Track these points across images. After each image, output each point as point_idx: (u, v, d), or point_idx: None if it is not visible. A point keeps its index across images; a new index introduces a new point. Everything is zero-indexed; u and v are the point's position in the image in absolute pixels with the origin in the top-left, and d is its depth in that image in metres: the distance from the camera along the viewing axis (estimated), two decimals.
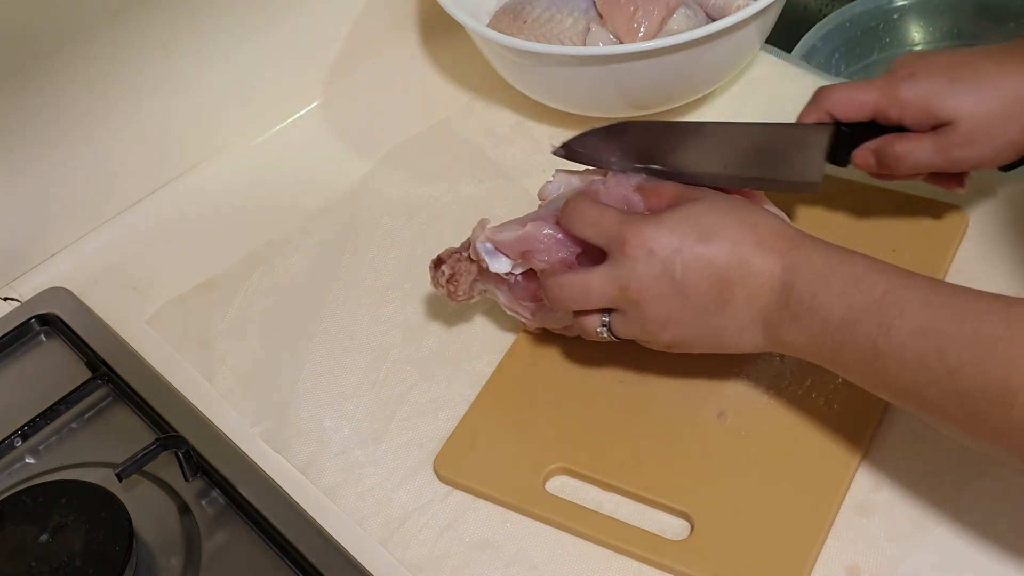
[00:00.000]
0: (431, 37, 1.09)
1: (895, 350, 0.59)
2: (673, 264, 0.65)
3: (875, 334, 0.59)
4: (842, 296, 0.61)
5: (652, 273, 0.65)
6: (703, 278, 0.65)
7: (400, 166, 0.97)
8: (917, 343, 0.58)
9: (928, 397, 0.58)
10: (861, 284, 0.61)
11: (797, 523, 0.67)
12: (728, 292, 0.65)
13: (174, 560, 0.72)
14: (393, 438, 0.77)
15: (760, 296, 0.64)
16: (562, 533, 0.70)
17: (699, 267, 0.65)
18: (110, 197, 0.96)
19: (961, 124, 0.71)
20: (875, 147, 0.75)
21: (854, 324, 0.60)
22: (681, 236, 0.65)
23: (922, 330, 0.58)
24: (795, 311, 0.63)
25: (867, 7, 1.12)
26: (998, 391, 0.55)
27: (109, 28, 0.88)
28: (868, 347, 0.60)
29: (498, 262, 0.74)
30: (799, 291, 0.63)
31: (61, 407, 0.80)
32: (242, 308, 0.88)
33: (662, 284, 0.65)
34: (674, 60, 0.86)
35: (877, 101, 0.73)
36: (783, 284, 0.63)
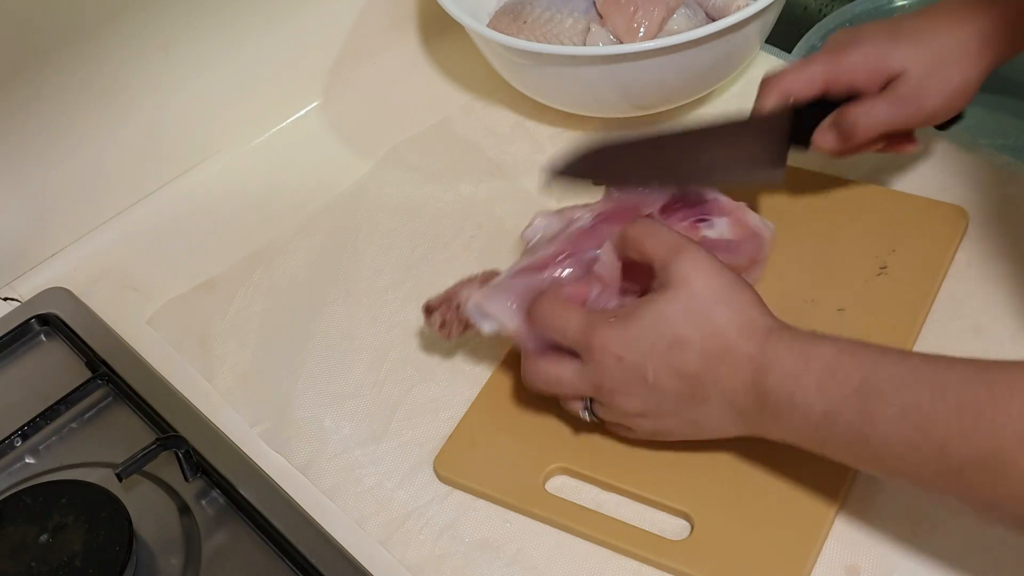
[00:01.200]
0: (431, 37, 1.09)
1: (881, 435, 0.58)
2: (644, 370, 0.65)
3: (859, 423, 0.59)
4: (820, 392, 0.60)
5: (623, 376, 0.66)
6: (675, 381, 0.65)
7: (400, 166, 0.97)
8: (901, 425, 0.57)
9: (923, 476, 0.58)
10: (837, 376, 0.60)
11: (797, 523, 0.67)
12: (702, 392, 0.65)
13: (174, 560, 0.72)
14: (393, 438, 0.77)
15: (735, 397, 0.64)
16: (562, 533, 0.70)
17: (670, 373, 0.64)
18: (110, 197, 0.96)
19: (909, 74, 0.73)
20: (831, 121, 0.76)
21: (836, 416, 0.60)
22: (650, 344, 0.65)
23: (904, 411, 0.57)
24: (773, 411, 0.63)
25: (867, 7, 1.12)
26: (989, 462, 0.54)
27: (109, 28, 0.88)
28: (854, 435, 0.59)
29: (489, 324, 0.73)
30: (774, 393, 0.62)
31: (61, 407, 0.80)
32: (242, 308, 0.88)
33: (634, 385, 0.66)
34: (674, 60, 0.86)
35: (825, 71, 0.75)
36: (756, 387, 0.63)
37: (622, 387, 0.66)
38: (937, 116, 0.76)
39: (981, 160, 0.85)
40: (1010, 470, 0.54)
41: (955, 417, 0.55)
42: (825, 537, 0.67)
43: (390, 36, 1.08)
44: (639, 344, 0.65)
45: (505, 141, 0.98)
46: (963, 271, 0.79)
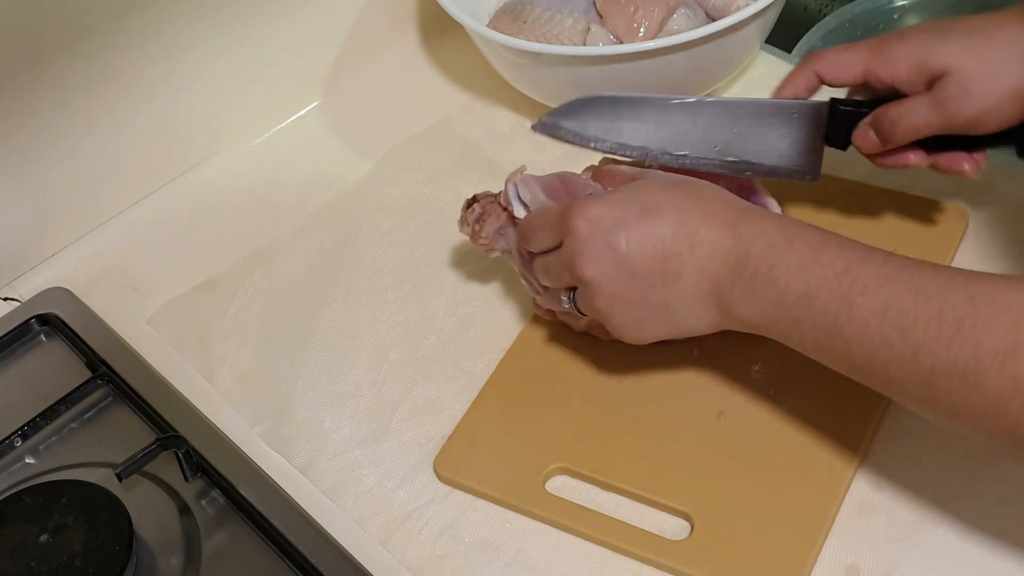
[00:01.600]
0: (431, 37, 1.09)
1: (857, 327, 0.57)
2: (617, 238, 0.64)
3: (836, 310, 0.58)
4: (801, 270, 0.59)
5: (596, 248, 0.65)
6: (648, 250, 0.64)
7: (400, 166, 0.97)
8: (879, 321, 0.56)
9: (890, 375, 0.57)
10: (820, 258, 0.59)
11: (797, 523, 0.67)
12: (676, 263, 0.63)
13: (174, 560, 0.72)
14: (393, 438, 0.77)
15: (710, 268, 0.63)
16: (562, 533, 0.70)
17: (643, 239, 0.64)
18: (110, 197, 0.96)
19: (954, 74, 0.68)
20: (871, 120, 0.73)
21: (813, 299, 0.59)
22: (624, 210, 0.64)
23: (884, 307, 0.56)
24: (749, 283, 0.61)
25: (867, 7, 1.12)
26: (964, 371, 0.54)
27: (109, 28, 0.88)
28: (828, 323, 0.58)
29: (523, 207, 0.74)
30: (753, 263, 0.61)
31: (61, 407, 0.80)
32: (242, 308, 0.88)
33: (606, 259, 0.64)
34: (674, 60, 0.86)
35: (867, 60, 0.71)
36: (735, 256, 0.62)
37: (596, 257, 0.65)
38: (983, 122, 0.69)
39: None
40: (982, 383, 0.53)
41: (935, 322, 0.55)
42: (825, 537, 0.67)
43: (390, 36, 1.08)
44: (613, 214, 0.64)
45: (505, 141, 0.98)
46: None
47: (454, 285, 0.86)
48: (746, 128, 0.75)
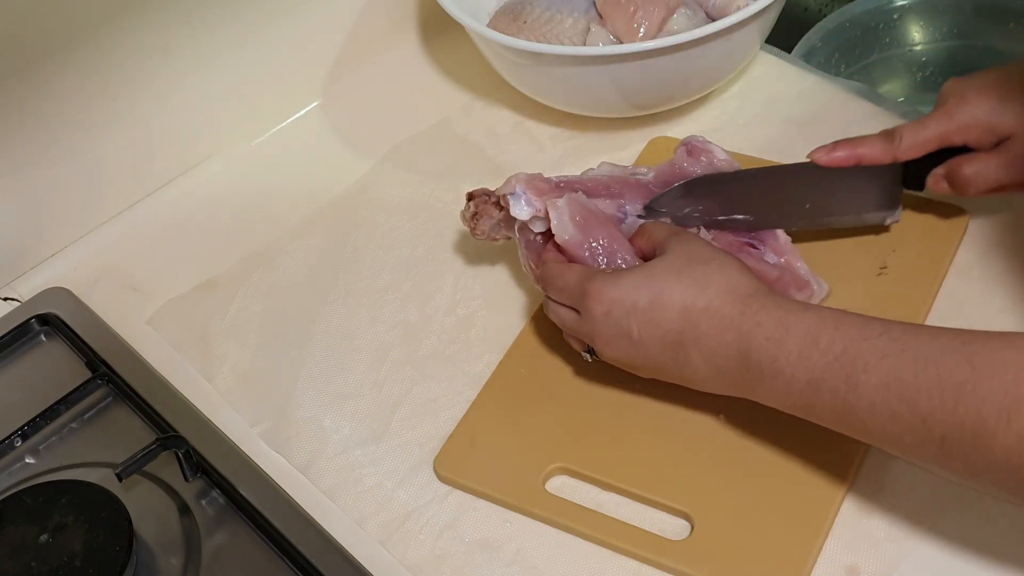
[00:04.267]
0: (431, 37, 1.09)
1: (865, 405, 0.59)
2: (629, 325, 0.67)
3: (843, 391, 0.59)
4: (801, 359, 0.61)
5: (611, 331, 0.68)
6: (656, 339, 0.67)
7: (400, 166, 0.97)
8: (884, 395, 0.58)
9: (906, 444, 0.58)
10: (819, 344, 0.61)
11: (797, 523, 0.67)
12: (684, 353, 0.66)
13: (174, 560, 0.72)
14: (393, 438, 0.77)
15: (716, 359, 0.65)
16: (562, 533, 0.70)
17: (652, 330, 0.66)
18: (110, 197, 0.96)
19: (1019, 137, 0.73)
20: (944, 172, 0.76)
21: (819, 384, 0.60)
22: (635, 297, 0.67)
23: (887, 382, 0.58)
24: (756, 375, 0.63)
25: (867, 7, 1.13)
26: (972, 434, 0.55)
27: (108, 28, 0.88)
28: (838, 404, 0.60)
29: (520, 208, 0.75)
30: (756, 358, 0.63)
31: (61, 407, 0.80)
32: (242, 308, 0.88)
33: (622, 341, 0.68)
34: (674, 60, 0.86)
35: (940, 135, 0.75)
36: (738, 351, 0.64)
37: (611, 341, 0.68)
38: None
39: None
40: (991, 443, 0.54)
41: (937, 390, 0.56)
42: (825, 537, 0.67)
43: (390, 36, 1.08)
44: (625, 301, 0.67)
45: (505, 141, 0.98)
46: (963, 271, 0.79)
47: (454, 285, 0.86)
48: (830, 185, 0.79)
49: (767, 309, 0.64)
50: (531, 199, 0.75)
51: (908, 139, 0.76)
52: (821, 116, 0.92)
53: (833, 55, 1.11)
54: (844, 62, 1.12)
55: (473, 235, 0.80)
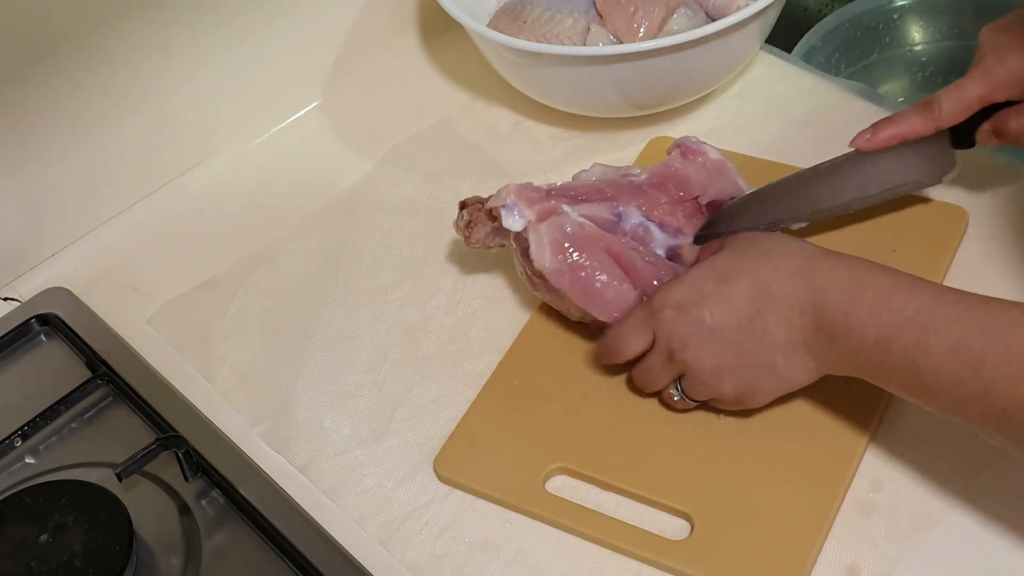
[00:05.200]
0: (431, 37, 1.09)
1: (933, 368, 0.59)
2: (701, 313, 0.67)
3: (912, 353, 0.60)
4: (873, 316, 0.61)
5: (687, 329, 0.68)
6: (732, 315, 0.66)
7: (400, 166, 0.97)
8: (952, 361, 0.58)
9: (969, 413, 0.59)
10: (892, 303, 0.61)
11: (797, 523, 0.67)
12: (760, 321, 0.66)
13: (174, 560, 0.72)
14: (393, 438, 0.77)
15: (792, 320, 0.65)
16: (562, 533, 0.70)
17: (725, 307, 0.67)
18: (110, 197, 0.96)
19: None
20: (991, 127, 0.76)
21: (890, 343, 0.61)
22: (700, 284, 0.68)
23: (955, 347, 0.58)
24: (829, 332, 0.63)
25: (867, 7, 1.12)
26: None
27: (109, 28, 0.88)
28: (907, 365, 0.60)
29: (512, 220, 0.75)
30: (830, 312, 0.63)
31: (61, 407, 0.80)
32: (242, 308, 0.88)
33: (699, 334, 0.68)
34: (674, 60, 0.86)
35: (981, 96, 0.74)
36: (812, 306, 0.64)
37: (688, 342, 0.68)
38: None
39: (981, 160, 0.85)
40: None
41: (1003, 361, 0.56)
42: (825, 537, 0.67)
43: (390, 36, 1.08)
44: (691, 289, 0.68)
45: (505, 141, 0.98)
46: (963, 271, 0.79)
47: (454, 285, 0.86)
48: (881, 164, 0.78)
49: (841, 266, 0.64)
50: (523, 210, 0.75)
51: (948, 106, 0.75)
52: (821, 116, 0.92)
53: (833, 55, 1.11)
54: (844, 62, 1.12)
55: (468, 244, 0.80)
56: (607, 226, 0.76)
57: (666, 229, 0.78)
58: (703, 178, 0.79)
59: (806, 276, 0.64)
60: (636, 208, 0.78)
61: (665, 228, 0.78)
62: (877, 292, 0.62)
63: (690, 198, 0.79)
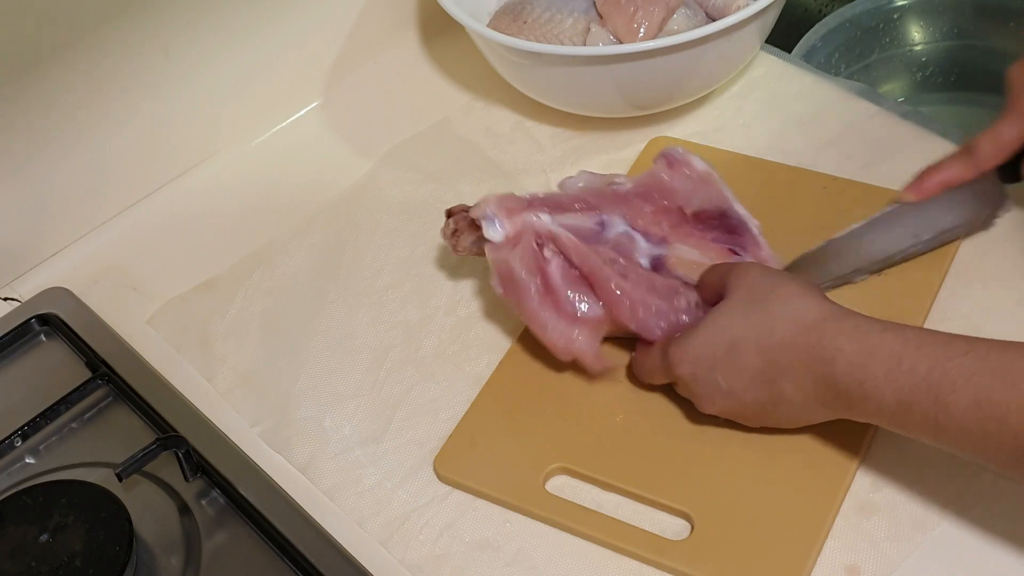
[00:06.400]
0: (431, 37, 1.09)
1: (956, 424, 0.58)
2: (715, 379, 0.68)
3: (933, 412, 0.59)
4: (888, 381, 0.61)
5: (705, 390, 0.69)
6: (746, 385, 0.67)
7: (400, 166, 0.97)
8: (975, 415, 0.58)
9: (1001, 460, 0.58)
10: (903, 365, 0.60)
11: (797, 523, 0.67)
12: (776, 388, 0.66)
13: (174, 560, 0.72)
14: (393, 438, 0.77)
15: (806, 388, 0.65)
16: (562, 533, 0.70)
17: (739, 376, 0.67)
18: (110, 197, 0.96)
19: None
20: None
21: (910, 406, 0.60)
22: (712, 352, 0.68)
23: (976, 402, 0.57)
24: (847, 400, 0.63)
25: (867, 7, 1.12)
26: None
27: (109, 28, 0.88)
28: (930, 424, 0.60)
29: (493, 231, 0.75)
30: (843, 383, 0.63)
31: (61, 407, 0.80)
32: (242, 308, 0.88)
33: (716, 395, 0.69)
34: (674, 60, 0.86)
35: (1018, 135, 0.74)
36: (824, 378, 0.63)
37: (706, 398, 0.70)
38: None
39: None
40: None
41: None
42: (825, 537, 0.67)
43: (390, 36, 1.08)
44: (704, 357, 0.68)
45: (505, 141, 0.98)
46: (963, 271, 0.79)
47: (454, 285, 0.86)
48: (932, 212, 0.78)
49: (844, 333, 0.63)
50: (503, 221, 0.75)
51: (988, 151, 0.75)
52: (821, 116, 0.92)
53: (833, 55, 1.11)
54: (844, 62, 1.12)
55: (454, 252, 0.80)
56: (589, 235, 0.76)
57: (650, 238, 0.78)
58: (688, 188, 0.79)
59: (812, 351, 0.64)
60: (620, 217, 0.78)
61: (649, 237, 0.78)
62: (887, 357, 0.61)
63: (675, 207, 0.79)
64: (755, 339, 0.66)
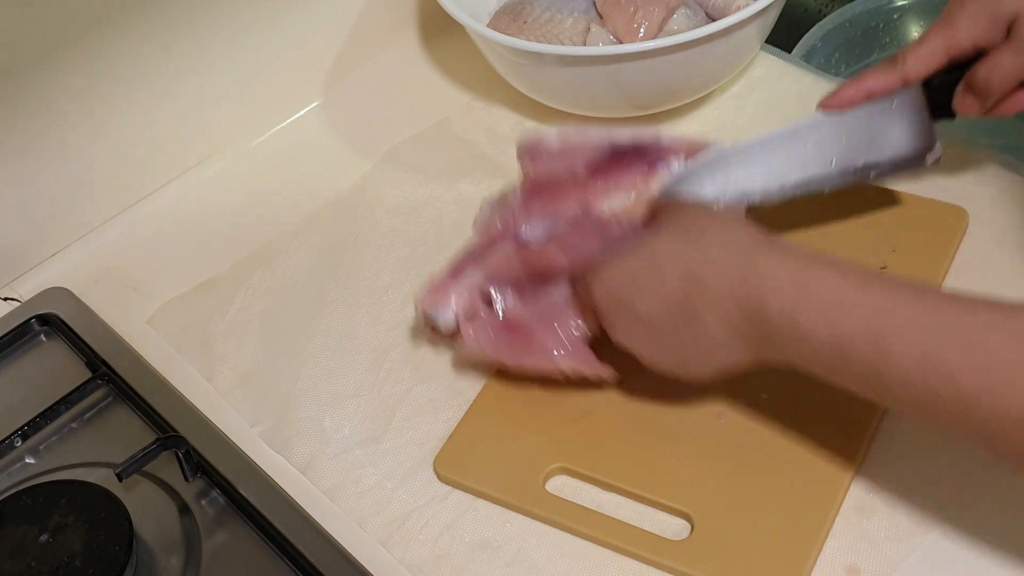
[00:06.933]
0: (431, 37, 1.09)
1: (899, 376, 0.54)
2: (633, 301, 0.64)
3: (873, 360, 0.55)
4: (827, 324, 0.56)
5: (618, 314, 0.66)
6: (664, 307, 0.63)
7: (400, 166, 0.97)
8: (921, 370, 0.53)
9: (942, 421, 0.55)
10: (844, 306, 0.56)
11: (797, 523, 0.67)
12: (697, 320, 0.62)
13: (174, 560, 0.72)
14: (393, 438, 0.77)
15: (731, 319, 0.60)
16: (562, 533, 0.70)
17: (657, 298, 0.63)
18: (110, 197, 0.96)
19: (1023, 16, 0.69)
20: (964, 84, 0.72)
21: (847, 351, 0.56)
22: (632, 270, 0.64)
23: (923, 355, 0.53)
24: (776, 338, 0.59)
25: (867, 7, 1.13)
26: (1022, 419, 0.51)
27: (109, 28, 0.88)
28: (868, 372, 0.56)
29: (446, 318, 0.75)
30: (776, 320, 0.58)
31: (61, 407, 0.80)
32: (242, 308, 0.88)
33: (632, 322, 0.65)
34: (674, 60, 0.86)
35: (944, 38, 0.71)
36: (754, 310, 0.59)
37: (621, 324, 0.66)
38: None
39: (981, 160, 0.85)
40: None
41: (982, 371, 0.52)
42: (825, 537, 0.67)
43: (390, 36, 1.08)
44: (625, 277, 0.65)
45: (505, 141, 0.98)
46: (963, 271, 0.79)
47: None
48: (853, 134, 0.75)
49: (782, 263, 0.58)
50: (443, 308, 0.75)
51: (911, 55, 0.72)
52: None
53: (833, 55, 1.11)
54: (844, 62, 1.12)
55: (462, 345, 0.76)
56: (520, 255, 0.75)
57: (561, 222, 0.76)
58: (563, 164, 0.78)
59: (742, 273, 0.59)
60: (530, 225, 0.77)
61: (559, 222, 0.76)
62: (826, 294, 0.57)
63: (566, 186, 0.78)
64: (681, 262, 0.61)
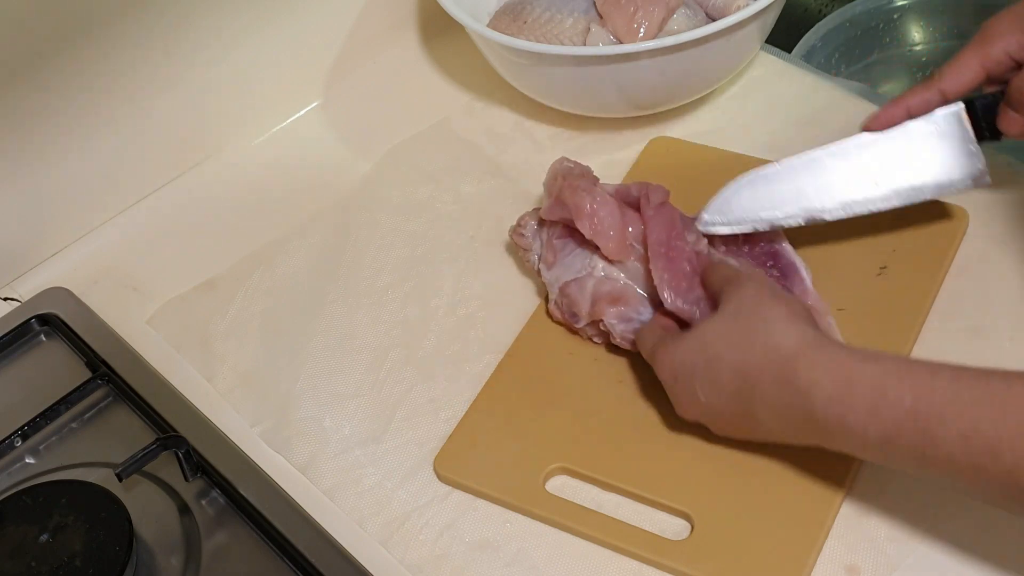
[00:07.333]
0: (431, 37, 1.09)
1: (944, 457, 0.56)
2: (694, 389, 0.67)
3: (920, 445, 0.57)
4: (871, 415, 0.58)
5: (683, 395, 0.69)
6: (723, 401, 0.66)
7: (400, 166, 0.97)
8: (965, 448, 0.55)
9: (992, 495, 0.57)
10: (887, 397, 0.58)
11: (797, 523, 0.67)
12: (751, 411, 0.65)
13: (174, 560, 0.72)
14: (393, 438, 0.77)
15: (782, 414, 0.63)
16: (562, 533, 0.70)
17: (716, 391, 0.66)
18: (110, 197, 0.96)
19: None
20: (1005, 104, 0.72)
21: (894, 440, 0.58)
22: (693, 362, 0.67)
23: (965, 434, 0.55)
24: (825, 432, 0.61)
25: (867, 7, 1.13)
26: None
27: (109, 28, 0.88)
28: (916, 457, 0.58)
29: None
30: (823, 417, 0.60)
31: (61, 407, 0.80)
32: (242, 308, 0.88)
33: (694, 403, 0.68)
34: (674, 60, 0.86)
35: (980, 55, 0.72)
36: (802, 410, 0.61)
37: (685, 404, 0.69)
38: None
39: None
40: None
41: (1020, 441, 0.54)
42: (825, 537, 0.67)
43: (390, 36, 1.08)
44: (686, 365, 0.68)
45: (505, 141, 0.98)
46: (963, 271, 0.79)
47: (454, 285, 0.86)
48: (898, 155, 0.75)
49: (822, 364, 0.61)
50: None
51: (948, 70, 0.73)
52: (821, 116, 0.92)
53: (833, 55, 1.11)
54: (844, 62, 1.12)
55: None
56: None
57: None
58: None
59: (789, 380, 0.62)
60: None
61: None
62: (868, 390, 0.59)
63: None
64: (732, 359, 0.65)
